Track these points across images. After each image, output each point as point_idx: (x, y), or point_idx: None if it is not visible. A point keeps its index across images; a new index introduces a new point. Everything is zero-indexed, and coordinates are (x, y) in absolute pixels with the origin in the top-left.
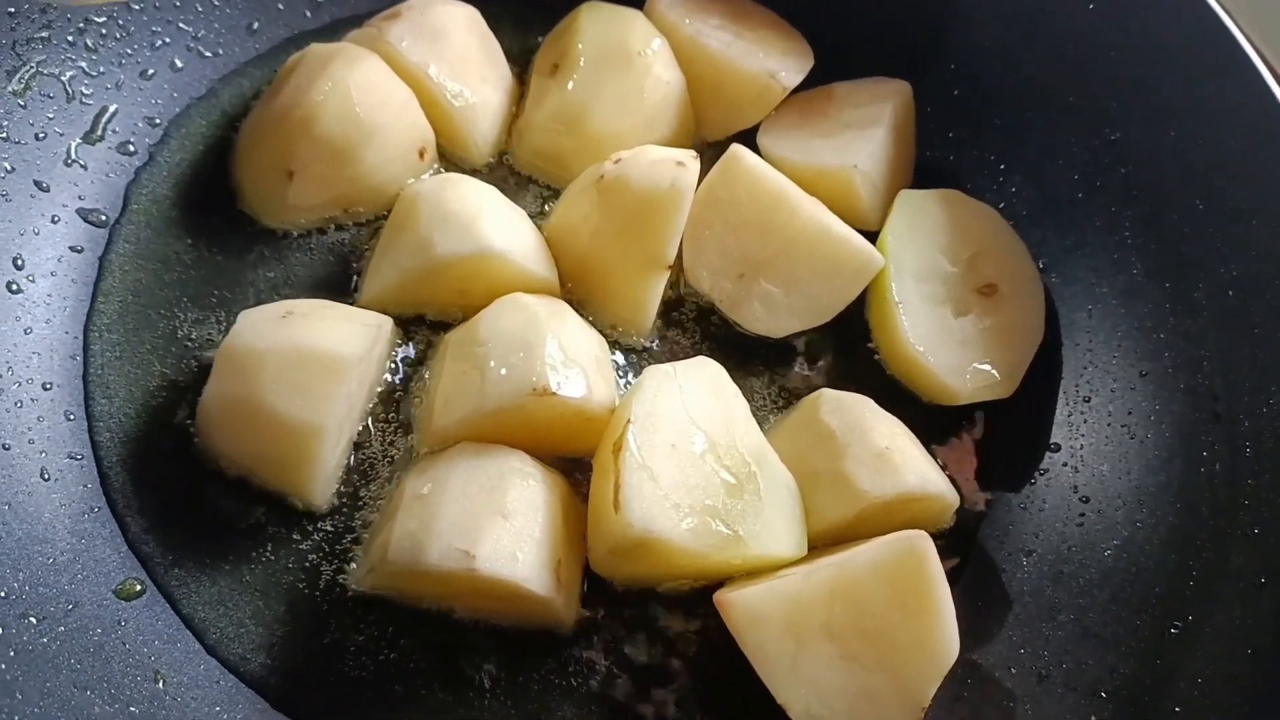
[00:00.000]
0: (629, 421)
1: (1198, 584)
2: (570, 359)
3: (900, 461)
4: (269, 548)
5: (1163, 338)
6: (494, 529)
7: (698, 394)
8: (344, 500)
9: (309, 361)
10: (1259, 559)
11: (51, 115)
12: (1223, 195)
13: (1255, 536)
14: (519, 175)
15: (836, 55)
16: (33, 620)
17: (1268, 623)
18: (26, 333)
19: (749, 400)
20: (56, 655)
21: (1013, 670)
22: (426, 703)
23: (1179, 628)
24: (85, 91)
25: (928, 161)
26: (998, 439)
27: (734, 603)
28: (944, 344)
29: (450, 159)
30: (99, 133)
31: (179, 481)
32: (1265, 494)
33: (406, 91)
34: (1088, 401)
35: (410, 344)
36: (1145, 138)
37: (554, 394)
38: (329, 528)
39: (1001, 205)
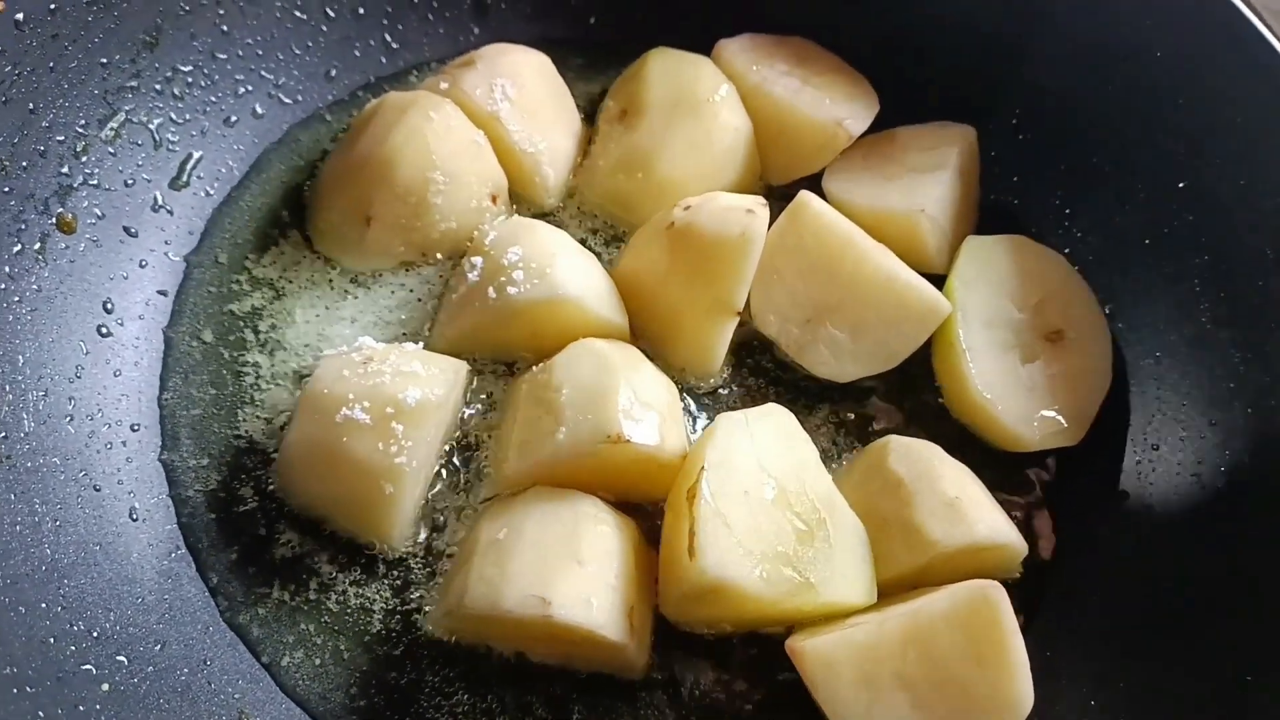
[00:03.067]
0: (703, 469)
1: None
2: (643, 406)
3: (970, 511)
4: (347, 591)
5: (1233, 387)
6: (569, 575)
7: (768, 441)
8: (420, 543)
9: (392, 409)
10: None
11: (140, 162)
12: None
13: None
14: (586, 216)
15: (901, 99)
16: (124, 660)
17: None
18: (116, 375)
19: (816, 444)
20: (146, 695)
21: None
22: None
23: (1248, 682)
24: (172, 138)
25: (993, 205)
26: (1065, 486)
27: (807, 651)
28: (1012, 391)
29: (521, 202)
30: (184, 179)
31: (256, 523)
32: None
33: (481, 139)
34: (1156, 449)
35: (482, 386)
36: (1214, 184)
37: (628, 441)
38: (406, 570)
39: (1067, 250)
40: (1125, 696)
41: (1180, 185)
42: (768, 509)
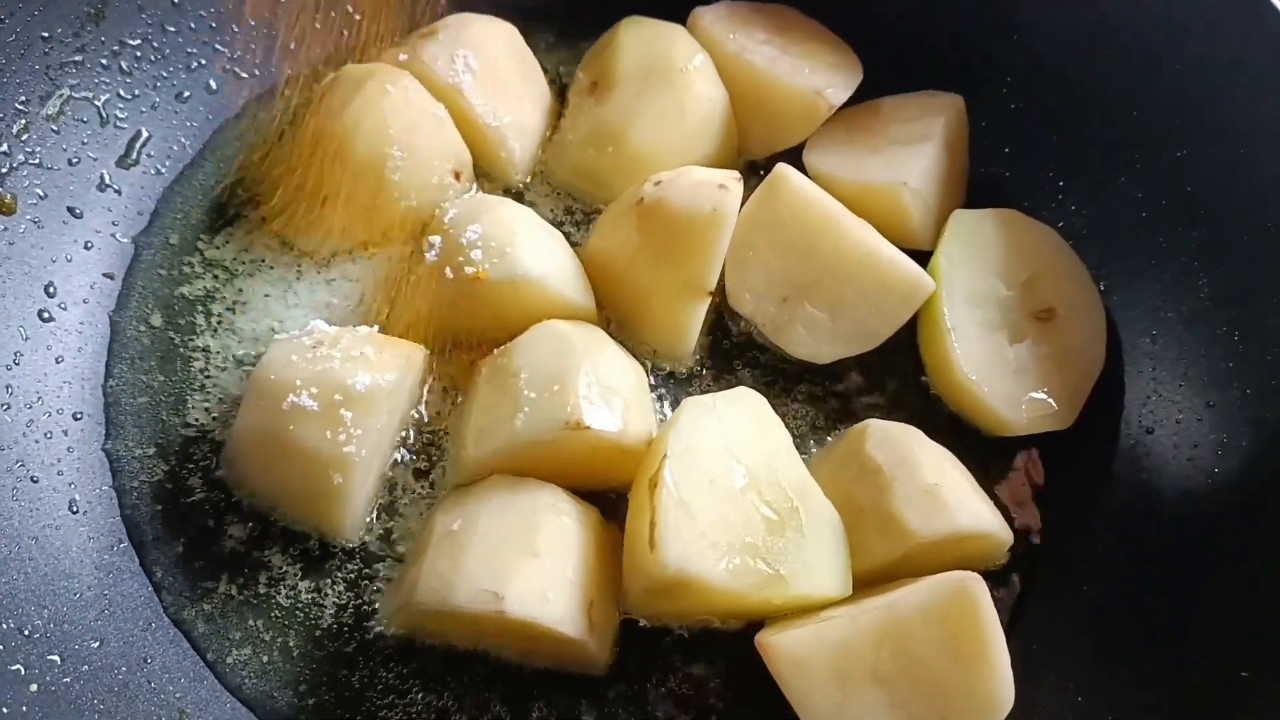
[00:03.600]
0: (665, 456)
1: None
2: (606, 390)
3: (950, 499)
4: (297, 585)
5: (1231, 366)
6: (524, 569)
7: (738, 426)
8: (374, 535)
9: (340, 395)
10: None
11: (85, 140)
12: None
13: None
14: (557, 194)
15: (886, 67)
16: (56, 659)
17: None
18: (58, 361)
19: (792, 428)
20: (79, 696)
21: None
22: None
23: (1243, 679)
24: (120, 115)
25: (982, 178)
26: (1056, 470)
27: (777, 646)
28: (999, 372)
29: (487, 178)
30: (133, 156)
31: (204, 514)
32: None
33: (441, 112)
34: (1150, 433)
35: (443, 370)
36: (1212, 156)
37: (588, 428)
38: (358, 564)
39: (1060, 224)
40: (1113, 694)
41: (1177, 155)
42: (736, 498)
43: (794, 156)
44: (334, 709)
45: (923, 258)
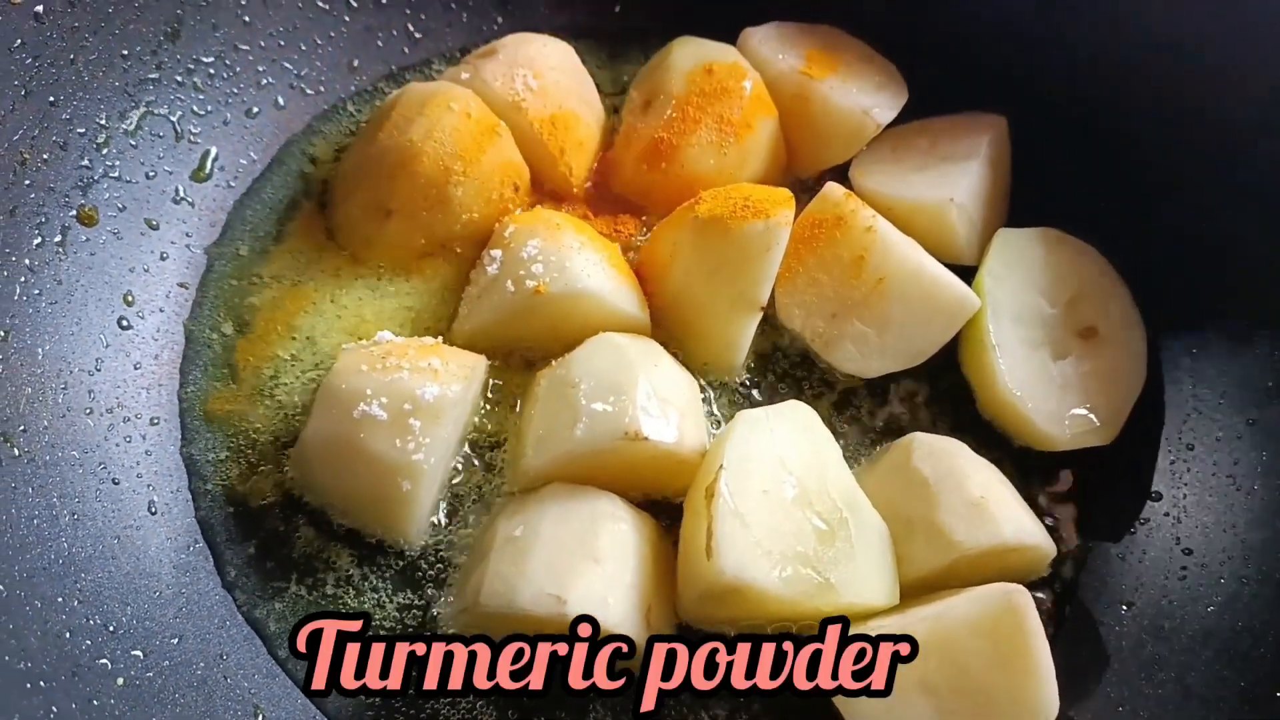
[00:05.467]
0: (721, 467)
1: None
2: (663, 402)
3: (995, 511)
4: (363, 586)
5: (1272, 385)
6: (586, 574)
7: (789, 438)
8: (437, 538)
9: (410, 405)
10: None
11: (161, 154)
12: None
13: None
14: (613, 207)
15: (932, 88)
16: (139, 654)
17: None
18: (136, 368)
19: (841, 440)
20: (161, 690)
21: None
22: None
23: None
24: (193, 130)
25: (1026, 197)
26: (1097, 485)
27: None
28: (1042, 389)
29: (545, 192)
30: (206, 171)
31: (275, 517)
32: None
33: (502, 129)
34: (1191, 449)
35: (502, 379)
36: (1257, 180)
37: (646, 439)
38: (423, 566)
39: (1101, 244)
40: (1153, 705)
41: (1221, 179)
42: (788, 508)
43: (840, 174)
44: (397, 706)
45: (967, 273)
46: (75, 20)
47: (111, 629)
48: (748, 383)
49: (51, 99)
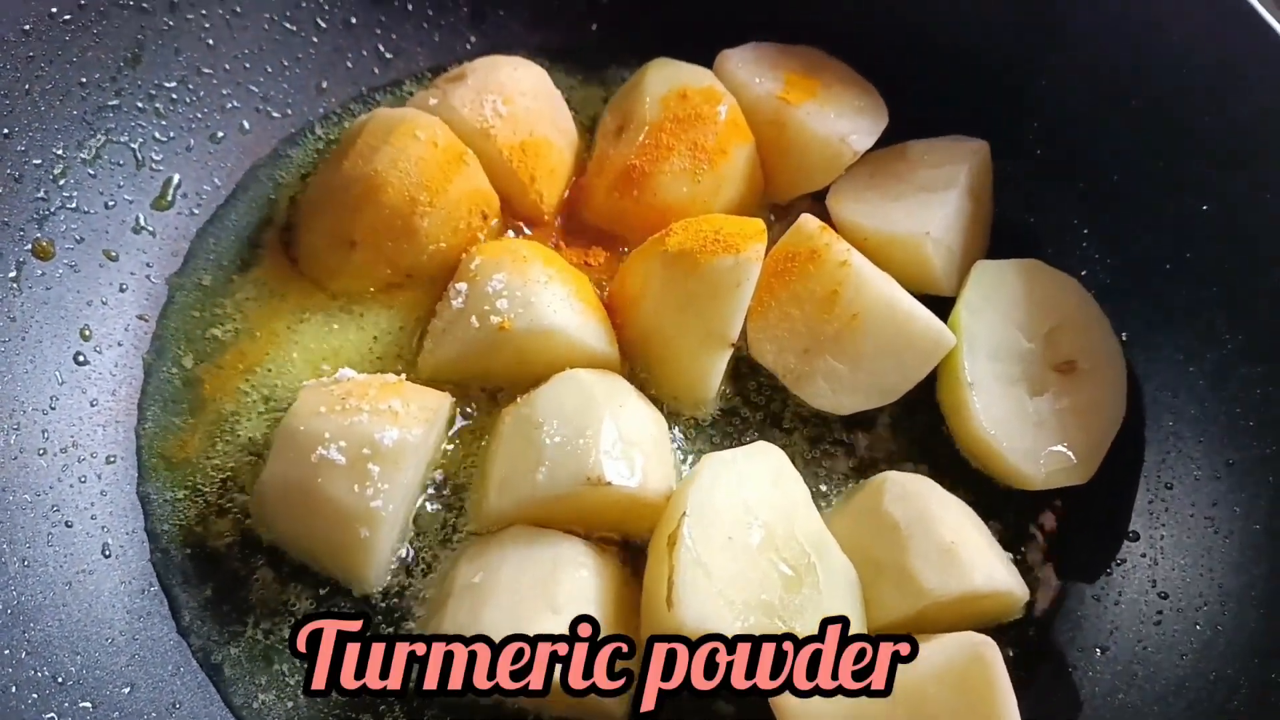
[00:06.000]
0: (685, 514)
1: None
2: (627, 445)
3: (966, 557)
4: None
5: (1253, 425)
6: (543, 625)
7: (756, 482)
8: (398, 579)
9: (368, 449)
10: None
11: (121, 183)
12: None
13: None
14: (584, 234)
15: (914, 110)
16: (88, 706)
17: None
18: (93, 405)
19: (812, 476)
20: None
21: None
22: None
23: None
24: (155, 158)
25: (1007, 224)
26: (1074, 523)
27: (791, 709)
28: (1018, 427)
29: (516, 219)
30: (168, 198)
31: (232, 559)
32: None
33: (469, 157)
34: (1170, 489)
35: (468, 412)
36: (1240, 210)
37: (609, 484)
38: (383, 608)
39: (1083, 273)
40: None
41: (1204, 209)
42: (753, 555)
43: (818, 198)
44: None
45: (946, 303)
46: (30, 50)
47: (60, 680)
48: (719, 416)
49: (5, 131)
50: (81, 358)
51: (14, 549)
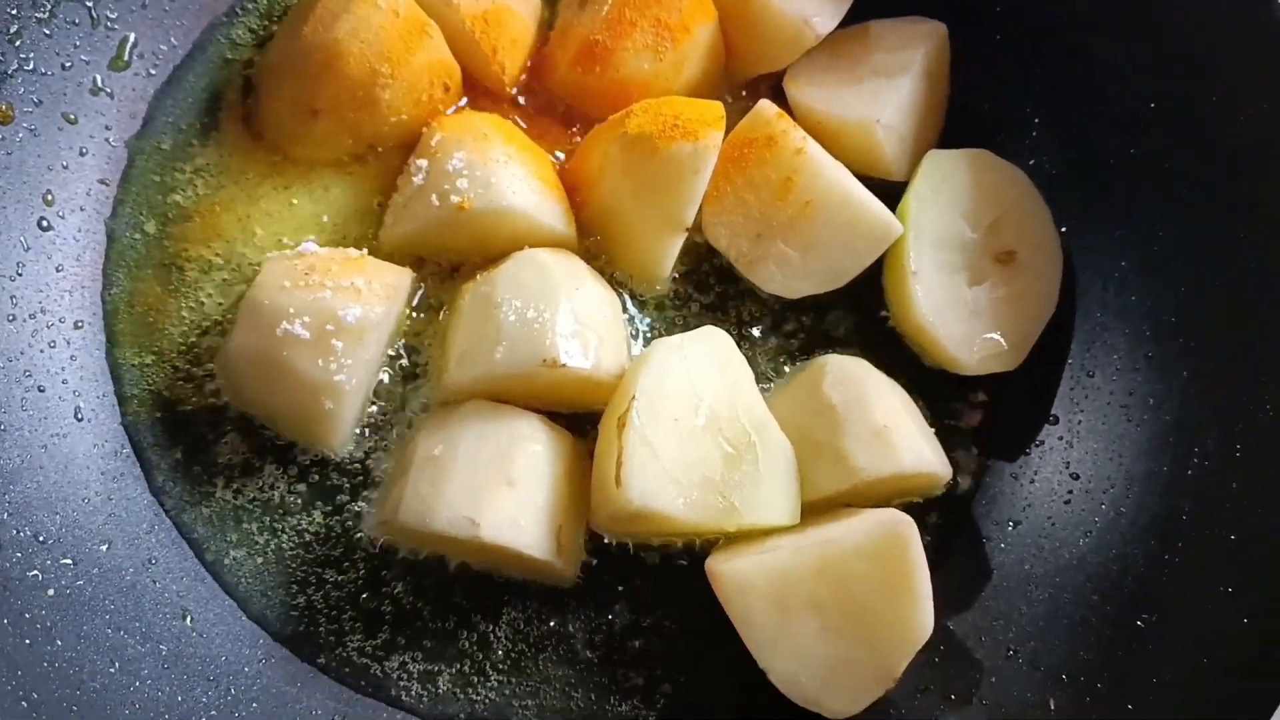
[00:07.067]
0: (634, 398)
1: (1170, 580)
2: (582, 326)
3: (897, 440)
4: (289, 492)
5: (1174, 321)
6: (499, 497)
7: (703, 365)
8: (362, 445)
9: (332, 325)
10: (1232, 565)
11: (78, 43)
12: (1258, 184)
13: (1232, 542)
14: (547, 105)
15: None
16: (69, 563)
17: (1230, 631)
18: (58, 270)
19: (758, 358)
20: (92, 598)
21: (983, 640)
22: (428, 645)
23: (1145, 621)
24: (110, 15)
25: (962, 108)
26: (1001, 405)
27: (724, 574)
28: (956, 314)
29: (478, 90)
30: (125, 58)
31: (201, 423)
32: (1249, 500)
33: (432, 28)
34: (1091, 376)
35: (429, 286)
36: (1188, 109)
37: (564, 366)
38: (347, 473)
39: (1032, 163)
40: (1025, 623)
41: (1152, 106)
42: (697, 435)
43: (777, 78)
44: (321, 607)
45: (898, 189)
46: None
47: (41, 539)
48: (672, 295)
49: None
50: (45, 223)
51: None
